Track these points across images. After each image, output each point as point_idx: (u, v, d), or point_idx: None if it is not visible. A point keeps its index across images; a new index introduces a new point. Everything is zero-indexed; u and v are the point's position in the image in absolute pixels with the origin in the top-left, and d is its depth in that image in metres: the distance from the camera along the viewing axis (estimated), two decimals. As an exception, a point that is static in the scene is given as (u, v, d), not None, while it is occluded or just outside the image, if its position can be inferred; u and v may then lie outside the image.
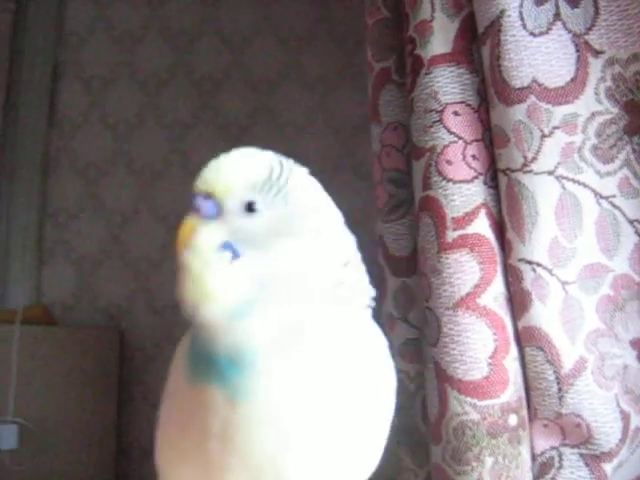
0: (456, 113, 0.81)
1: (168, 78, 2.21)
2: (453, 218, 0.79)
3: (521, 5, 0.78)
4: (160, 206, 2.18)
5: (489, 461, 0.76)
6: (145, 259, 2.18)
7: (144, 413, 2.15)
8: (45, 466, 1.99)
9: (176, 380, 0.48)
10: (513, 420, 0.77)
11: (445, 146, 0.80)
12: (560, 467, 0.78)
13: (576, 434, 0.77)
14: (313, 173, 0.51)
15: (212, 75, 2.17)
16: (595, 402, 0.76)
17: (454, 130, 0.81)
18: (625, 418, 0.77)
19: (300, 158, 1.87)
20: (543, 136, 0.77)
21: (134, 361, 2.17)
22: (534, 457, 0.80)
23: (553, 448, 0.79)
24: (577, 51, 0.78)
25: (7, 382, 1.96)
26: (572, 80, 0.78)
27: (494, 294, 0.78)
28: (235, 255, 0.45)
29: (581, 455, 0.78)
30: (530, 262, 0.77)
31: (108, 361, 2.14)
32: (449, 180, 0.80)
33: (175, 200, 2.17)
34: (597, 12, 0.78)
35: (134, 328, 2.18)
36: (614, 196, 0.78)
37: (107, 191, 2.25)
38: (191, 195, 0.48)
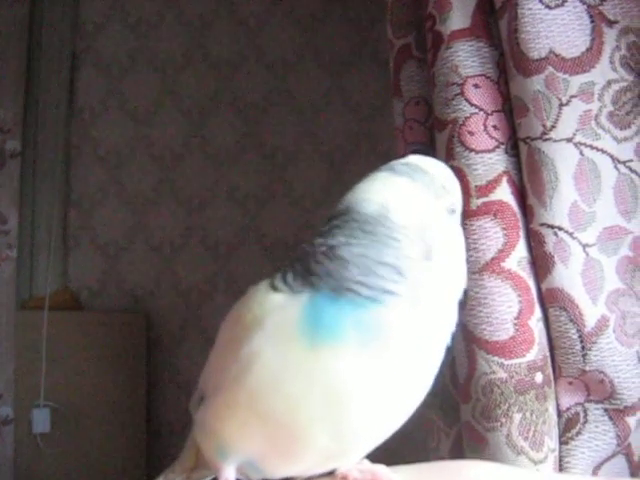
0: (476, 85, 0.84)
1: (185, 63, 2.24)
2: (476, 186, 0.82)
3: (537, -22, 0.80)
4: (181, 189, 2.22)
5: (517, 417, 0.80)
6: (168, 242, 2.22)
7: (173, 394, 2.20)
8: (78, 448, 2.05)
9: (272, 341, 0.50)
10: (539, 378, 0.81)
11: (467, 117, 0.83)
12: (585, 422, 0.82)
13: (600, 390, 0.81)
14: (331, 152, 0.54)
15: (229, 58, 2.20)
16: (617, 359, 0.79)
17: (475, 102, 0.84)
18: (647, 374, 0.81)
19: (318, 137, 1.91)
20: (561, 105, 0.80)
21: (161, 343, 2.22)
22: (560, 413, 0.83)
23: (578, 404, 0.82)
24: (592, 22, 0.80)
25: (38, 367, 2.02)
26: (588, 50, 0.80)
27: (518, 258, 0.82)
28: None
29: (605, 410, 0.81)
30: (552, 226, 0.80)
31: (135, 344, 2.18)
32: (471, 150, 0.83)
33: (196, 183, 2.21)
34: (611, -17, 0.80)
35: (160, 311, 2.23)
36: (631, 160, 0.81)
37: (129, 177, 2.29)
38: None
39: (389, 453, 0.59)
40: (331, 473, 0.56)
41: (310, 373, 0.49)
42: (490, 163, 0.83)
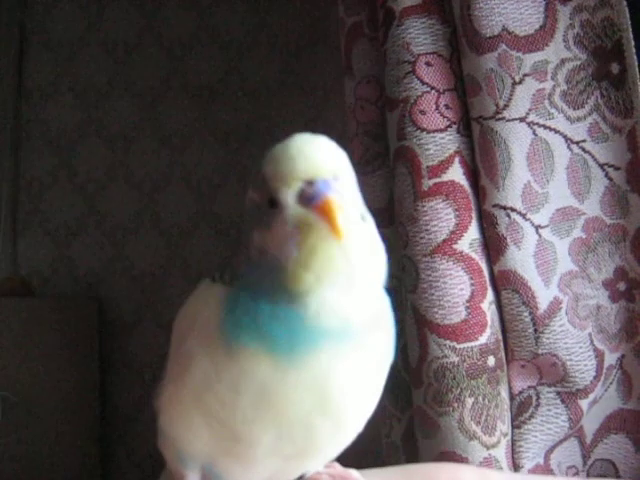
0: (428, 64, 0.82)
1: (137, 43, 2.19)
2: (428, 167, 0.81)
3: (490, -46, 0.79)
4: (134, 172, 2.18)
5: (469, 401, 0.79)
6: (121, 227, 2.17)
7: (126, 380, 2.16)
8: (30, 437, 2.00)
9: (201, 342, 0.48)
10: (491, 361, 0.80)
11: (418, 96, 0.82)
12: (538, 405, 0.81)
13: (552, 373, 0.80)
14: (286, 134, 0.51)
15: (181, 39, 2.15)
16: (570, 341, 0.79)
17: (427, 80, 0.82)
18: (599, 356, 0.80)
19: (272, 120, 1.86)
20: (514, 83, 0.78)
21: (114, 329, 2.17)
22: (512, 397, 0.82)
23: (530, 387, 0.82)
24: (545, -1, 0.79)
25: (-13, 355, 1.97)
26: (541, 28, 0.79)
27: (470, 240, 0.80)
28: None
29: (557, 393, 0.81)
30: (504, 207, 0.79)
31: (88, 330, 2.14)
32: (423, 130, 0.81)
33: (148, 166, 2.17)
34: (564, -41, 0.79)
35: (113, 296, 2.18)
36: (584, 141, 0.80)
37: (80, 160, 2.24)
38: (307, 180, 0.44)
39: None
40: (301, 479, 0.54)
41: (232, 375, 0.46)
42: (442, 143, 0.81)
